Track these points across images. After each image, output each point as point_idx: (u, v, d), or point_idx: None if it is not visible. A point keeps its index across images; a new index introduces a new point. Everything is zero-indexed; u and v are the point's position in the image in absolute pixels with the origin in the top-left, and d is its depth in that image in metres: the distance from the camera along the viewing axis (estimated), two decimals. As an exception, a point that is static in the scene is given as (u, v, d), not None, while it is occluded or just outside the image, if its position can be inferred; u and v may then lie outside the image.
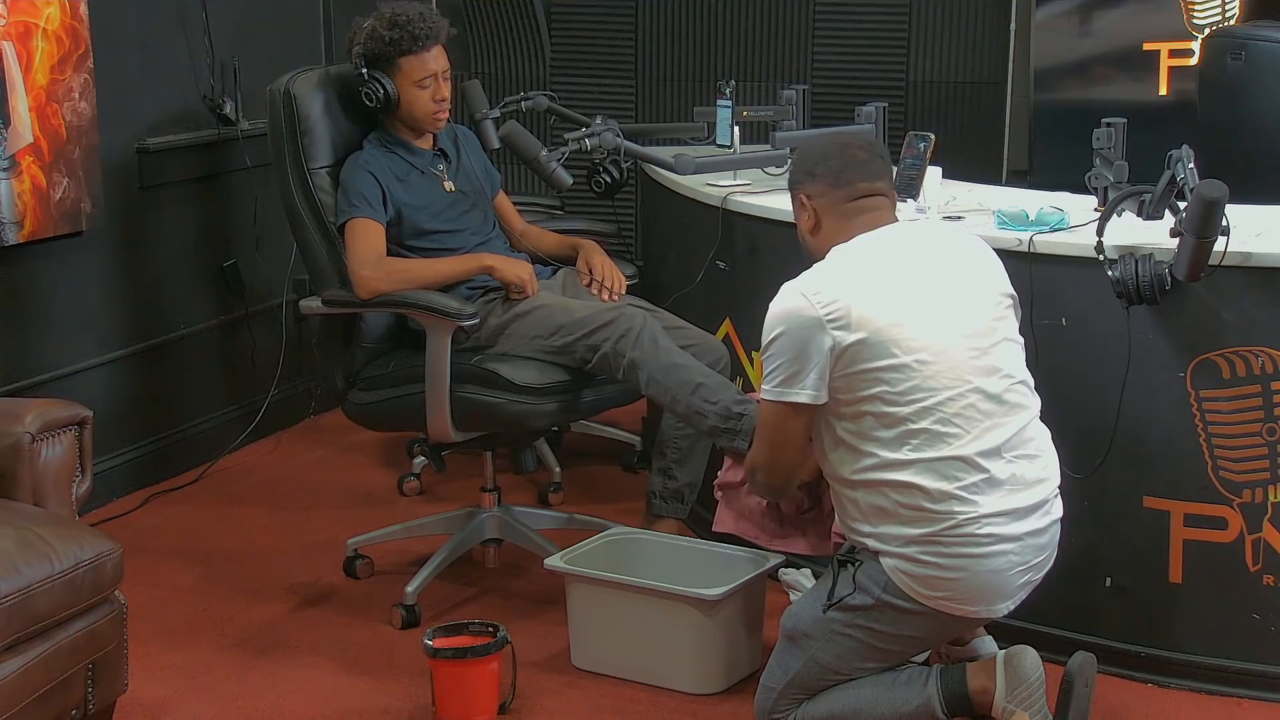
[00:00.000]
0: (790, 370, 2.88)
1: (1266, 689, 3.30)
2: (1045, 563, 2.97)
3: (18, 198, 4.08)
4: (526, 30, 5.78)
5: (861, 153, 3.07)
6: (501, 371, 3.62)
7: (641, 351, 3.52)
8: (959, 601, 2.89)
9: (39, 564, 2.83)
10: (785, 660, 3.02)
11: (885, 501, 2.88)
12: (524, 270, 3.77)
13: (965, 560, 2.85)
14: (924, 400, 2.84)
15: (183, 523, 4.41)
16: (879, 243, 2.99)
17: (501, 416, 3.64)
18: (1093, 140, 3.39)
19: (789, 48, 5.52)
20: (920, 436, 2.84)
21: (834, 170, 3.04)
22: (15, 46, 4.03)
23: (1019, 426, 2.92)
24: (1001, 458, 2.88)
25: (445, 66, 3.84)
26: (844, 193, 3.03)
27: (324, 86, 3.89)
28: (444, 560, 3.81)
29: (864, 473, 2.89)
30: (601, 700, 3.36)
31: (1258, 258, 3.16)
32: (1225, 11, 4.74)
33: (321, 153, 3.86)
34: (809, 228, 3.09)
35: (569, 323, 3.61)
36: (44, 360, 4.29)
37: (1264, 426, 3.21)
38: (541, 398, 3.62)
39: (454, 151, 3.97)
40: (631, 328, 3.55)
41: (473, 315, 3.60)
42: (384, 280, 3.69)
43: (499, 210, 4.10)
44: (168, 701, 3.36)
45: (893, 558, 2.89)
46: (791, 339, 2.88)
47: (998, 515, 2.86)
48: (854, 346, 2.84)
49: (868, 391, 2.86)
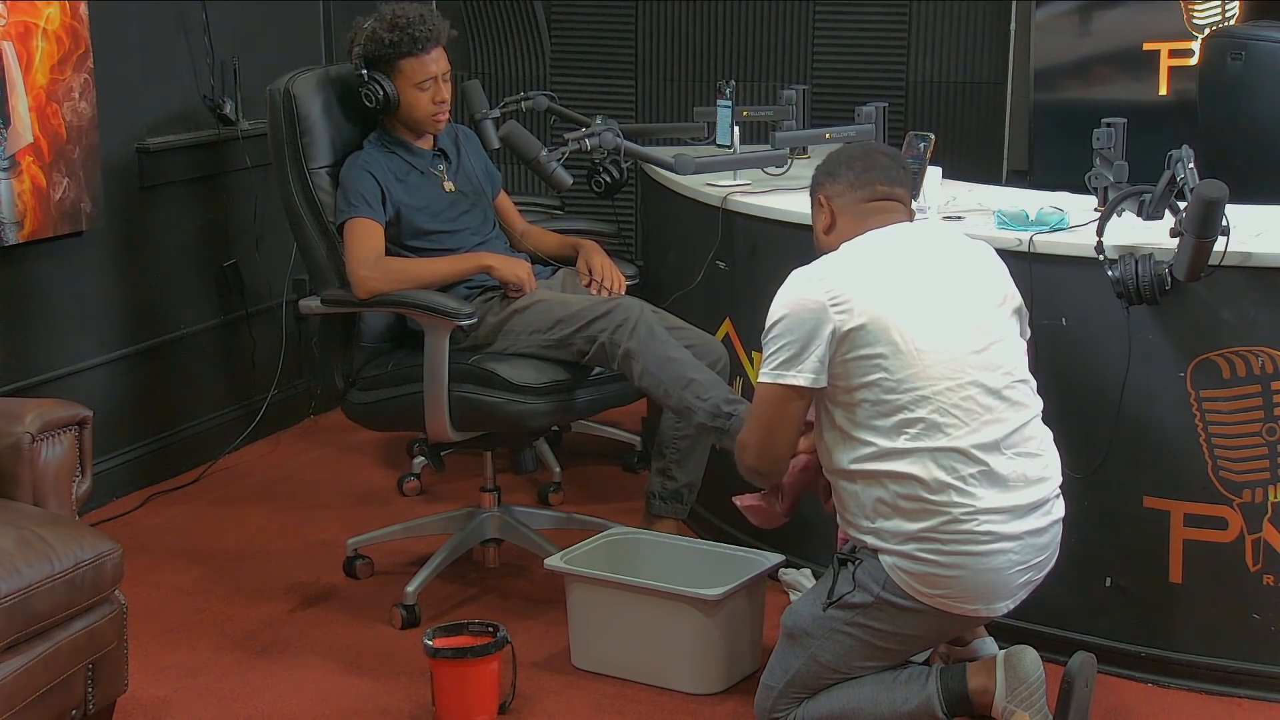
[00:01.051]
0: (791, 352, 2.90)
1: (1266, 689, 3.30)
2: (1046, 563, 2.97)
3: (18, 198, 4.08)
4: (526, 30, 5.78)
5: (884, 159, 3.12)
6: (499, 371, 3.62)
7: (637, 342, 3.52)
8: (958, 600, 2.89)
9: (39, 564, 2.83)
10: (785, 659, 3.03)
11: (884, 493, 2.88)
12: (522, 269, 3.77)
13: (964, 559, 2.85)
14: (922, 389, 2.86)
15: (183, 523, 4.41)
16: (887, 237, 3.02)
17: (499, 416, 3.64)
18: (1093, 140, 3.39)
19: (789, 48, 5.52)
20: (917, 426, 2.85)
21: (856, 171, 3.08)
22: (15, 46, 4.03)
23: (1019, 423, 2.92)
24: (1000, 452, 2.88)
25: (445, 68, 3.85)
26: (863, 194, 3.06)
27: (324, 86, 3.89)
28: (444, 560, 3.81)
29: (862, 463, 2.90)
30: (601, 700, 3.36)
31: (1258, 258, 3.16)
32: (1225, 11, 4.74)
33: (321, 152, 3.86)
34: (824, 227, 3.11)
35: (566, 316, 3.62)
36: (44, 360, 4.29)
37: (1264, 426, 3.21)
38: (538, 397, 3.62)
39: (454, 152, 3.97)
40: (629, 318, 3.56)
41: (471, 315, 3.60)
42: (382, 280, 3.69)
43: (500, 210, 4.10)
44: (168, 701, 3.36)
45: (892, 555, 2.89)
46: (794, 321, 2.90)
47: (996, 512, 2.86)
48: (855, 331, 2.86)
49: (867, 379, 2.87)
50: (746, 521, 3.35)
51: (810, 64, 5.49)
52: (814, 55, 5.49)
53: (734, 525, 3.89)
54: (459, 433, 3.68)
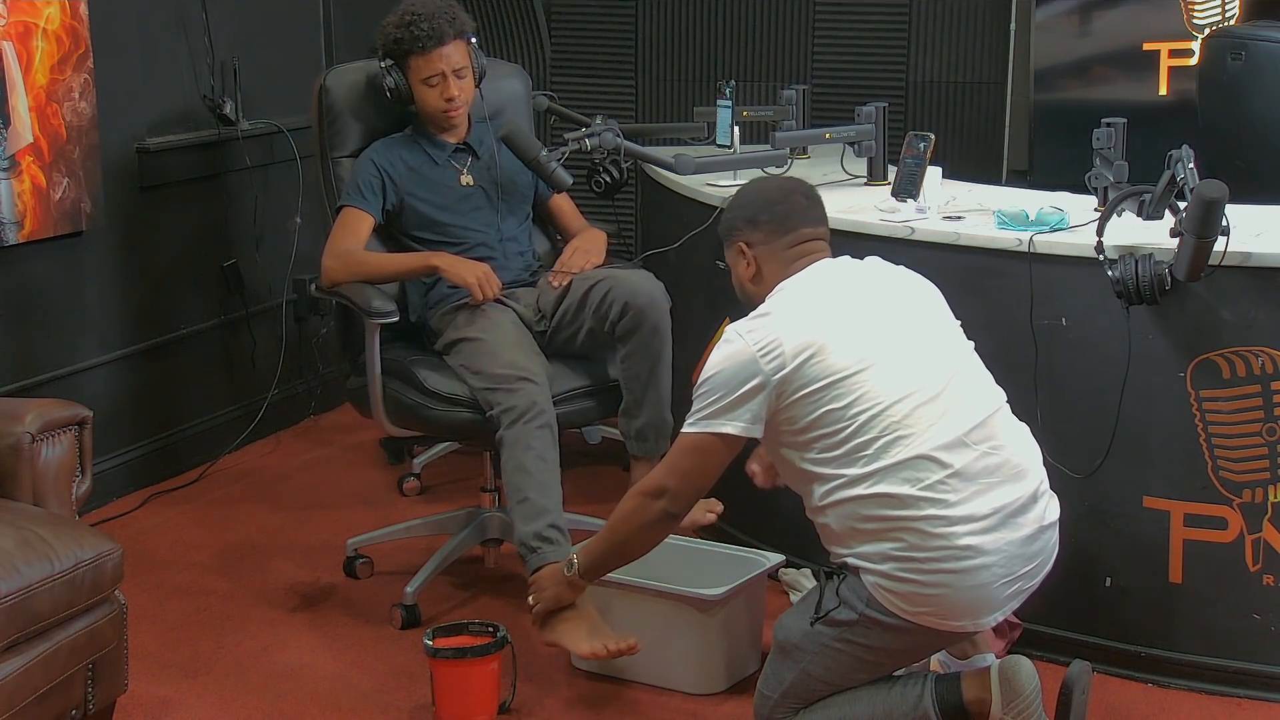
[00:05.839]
0: (722, 404, 2.87)
1: (1266, 689, 3.30)
2: (1037, 571, 2.90)
3: (18, 198, 4.08)
4: (526, 30, 5.78)
5: (803, 200, 3.08)
6: (418, 373, 3.68)
7: (511, 435, 3.50)
8: (943, 617, 2.84)
9: (39, 564, 2.83)
10: (779, 670, 3.00)
11: (856, 520, 2.84)
12: (471, 273, 3.72)
13: (946, 577, 2.79)
14: (871, 409, 2.81)
15: (183, 523, 4.41)
16: (812, 276, 2.99)
17: (418, 418, 3.69)
18: (1093, 140, 3.39)
19: (789, 48, 5.52)
20: (874, 445, 2.81)
21: (778, 216, 3.04)
22: (15, 46, 4.03)
23: (982, 417, 2.87)
24: (968, 448, 2.82)
25: (459, 65, 3.84)
26: (787, 240, 3.03)
27: (361, 78, 3.98)
28: (444, 560, 3.82)
29: (830, 495, 2.86)
30: (601, 700, 3.36)
31: (1258, 258, 3.16)
32: (1225, 11, 4.73)
33: (347, 141, 3.97)
34: (749, 276, 3.07)
35: (486, 370, 3.59)
36: (44, 360, 4.29)
37: (1264, 426, 3.21)
38: (453, 406, 3.64)
39: (484, 148, 3.96)
40: (521, 411, 3.50)
41: (388, 315, 3.62)
42: (340, 271, 3.77)
43: (555, 211, 4.10)
44: (168, 701, 3.37)
45: (873, 575, 2.84)
46: (726, 376, 2.88)
47: (974, 520, 2.79)
48: (793, 373, 2.83)
49: (815, 413, 2.83)
50: (746, 521, 3.35)
51: (810, 64, 5.49)
52: (814, 55, 5.49)
53: (734, 525, 3.89)
54: (395, 428, 3.75)
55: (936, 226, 3.54)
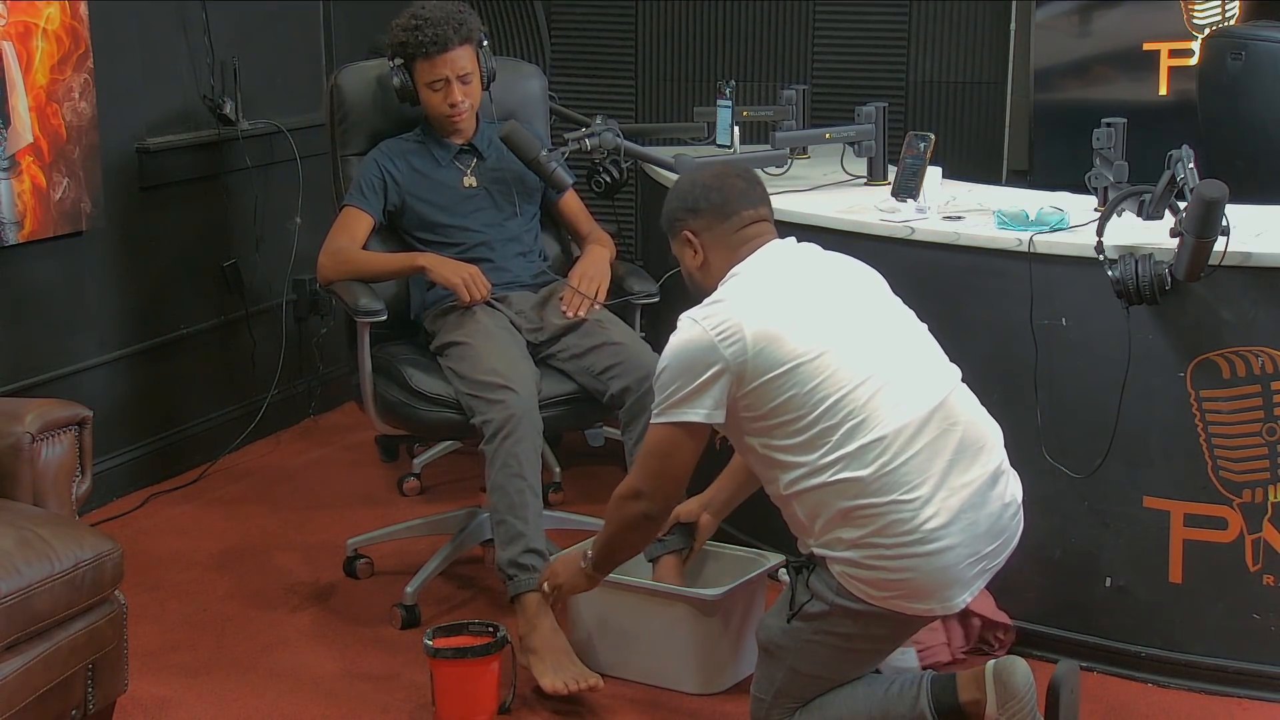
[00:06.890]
0: (683, 393, 2.88)
1: (1266, 689, 3.30)
2: (1001, 549, 2.90)
3: (18, 198, 4.08)
4: (526, 30, 5.77)
5: (739, 181, 3.07)
6: (405, 372, 3.68)
7: (490, 450, 3.50)
8: (910, 599, 2.84)
9: (39, 564, 2.83)
10: (768, 672, 2.99)
11: (822, 507, 2.84)
12: (456, 274, 3.72)
13: (911, 560, 2.79)
14: (834, 394, 2.81)
15: (183, 523, 4.41)
16: (764, 260, 2.99)
17: (402, 417, 3.69)
18: (1093, 140, 3.39)
19: (789, 48, 5.52)
20: (838, 432, 2.81)
21: (717, 203, 3.03)
22: (15, 46, 4.03)
23: (939, 399, 2.87)
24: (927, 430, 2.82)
25: (465, 70, 3.83)
26: (731, 224, 3.03)
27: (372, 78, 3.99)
28: (444, 560, 3.82)
29: (796, 483, 2.86)
30: (601, 700, 3.36)
31: (1258, 258, 3.16)
32: (1225, 11, 4.74)
33: (356, 141, 3.98)
34: (697, 265, 3.07)
35: (472, 377, 3.58)
36: (44, 360, 4.29)
37: (1264, 426, 3.21)
38: (437, 406, 3.64)
39: (489, 149, 3.96)
40: (498, 426, 3.48)
41: (375, 313, 3.63)
42: (331, 268, 3.80)
43: (565, 212, 4.07)
44: (168, 701, 3.37)
45: (839, 564, 2.85)
46: (684, 364, 2.88)
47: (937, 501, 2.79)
48: (754, 359, 2.83)
49: (777, 400, 2.83)
50: (746, 522, 3.35)
51: (810, 64, 5.49)
52: (814, 55, 5.49)
53: (734, 525, 3.88)
54: (385, 426, 3.75)
55: (936, 226, 3.54)
